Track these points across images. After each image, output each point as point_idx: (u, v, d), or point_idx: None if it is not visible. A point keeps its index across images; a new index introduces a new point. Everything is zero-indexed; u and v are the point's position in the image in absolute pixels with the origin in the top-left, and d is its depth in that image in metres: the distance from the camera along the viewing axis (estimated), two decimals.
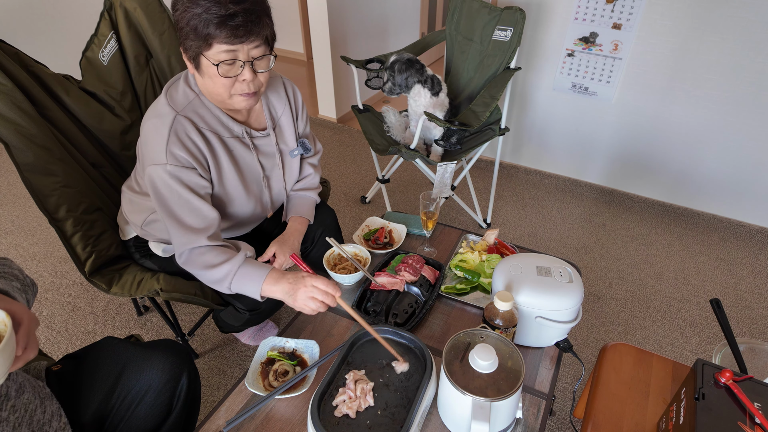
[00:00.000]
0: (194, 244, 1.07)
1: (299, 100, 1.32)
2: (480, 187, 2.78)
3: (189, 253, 1.09)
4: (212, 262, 1.07)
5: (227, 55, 0.98)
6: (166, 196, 1.06)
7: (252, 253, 1.14)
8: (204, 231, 1.08)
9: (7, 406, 0.71)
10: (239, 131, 1.16)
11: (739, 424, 0.74)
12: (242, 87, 1.04)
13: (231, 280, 1.06)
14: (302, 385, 0.96)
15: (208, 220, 1.09)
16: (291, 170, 1.32)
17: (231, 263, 1.06)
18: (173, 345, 1.05)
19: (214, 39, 0.95)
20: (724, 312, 0.97)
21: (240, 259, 1.07)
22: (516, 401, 0.85)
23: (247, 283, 1.06)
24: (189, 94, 1.10)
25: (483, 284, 1.23)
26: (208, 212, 1.09)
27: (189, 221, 1.07)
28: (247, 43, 0.98)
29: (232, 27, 0.94)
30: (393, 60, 1.95)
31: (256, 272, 1.06)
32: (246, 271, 1.06)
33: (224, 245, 1.11)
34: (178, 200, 1.06)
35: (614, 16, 2.21)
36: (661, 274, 2.18)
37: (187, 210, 1.07)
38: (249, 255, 1.11)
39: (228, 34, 0.95)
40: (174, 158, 1.04)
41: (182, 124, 1.06)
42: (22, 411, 0.73)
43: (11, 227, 2.37)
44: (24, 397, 0.74)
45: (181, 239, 1.08)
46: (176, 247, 1.10)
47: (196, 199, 1.07)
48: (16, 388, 0.74)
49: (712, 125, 2.27)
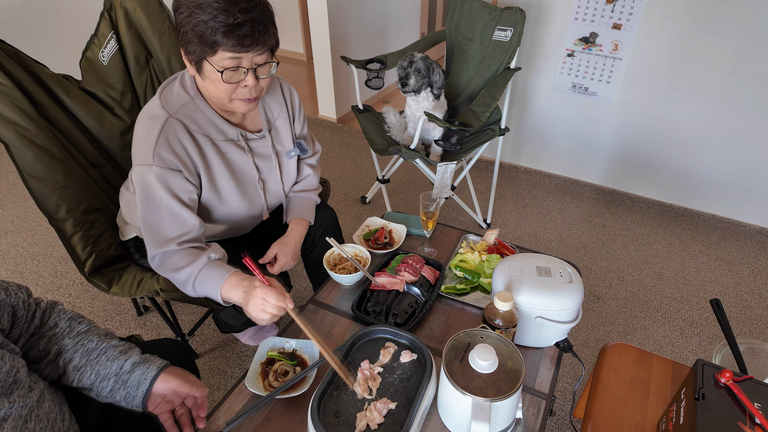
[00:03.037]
0: (164, 249, 1.07)
1: (296, 102, 1.32)
2: (480, 187, 2.78)
3: (161, 256, 1.09)
4: (178, 264, 1.07)
5: (232, 62, 0.98)
6: (147, 196, 1.06)
7: (219, 256, 1.12)
8: (177, 237, 1.07)
9: (32, 417, 0.70)
10: (234, 134, 1.16)
11: (739, 424, 0.74)
12: (244, 92, 1.04)
13: (193, 282, 1.06)
14: (302, 385, 0.96)
15: (186, 227, 1.08)
16: (288, 172, 1.32)
17: (193, 266, 1.06)
18: (174, 344, 1.05)
19: (220, 46, 0.95)
20: (724, 312, 0.97)
21: (202, 263, 1.06)
22: (516, 401, 0.85)
23: (207, 286, 1.05)
24: (183, 97, 1.09)
25: (483, 284, 1.23)
26: (187, 218, 1.09)
27: (165, 226, 1.07)
28: (253, 51, 0.98)
29: (239, 36, 0.94)
30: (422, 57, 1.91)
31: (216, 276, 1.05)
32: (208, 274, 1.05)
33: (196, 247, 1.10)
34: (158, 203, 1.06)
35: (614, 16, 2.21)
36: (661, 275, 2.18)
37: (166, 214, 1.07)
38: (215, 257, 1.09)
39: (235, 42, 0.95)
40: (160, 160, 1.04)
41: (173, 127, 1.06)
42: (45, 421, 0.72)
43: (11, 227, 2.37)
44: (45, 406, 0.73)
45: (154, 244, 1.08)
46: (149, 250, 1.10)
47: (177, 205, 1.07)
48: (38, 398, 0.73)
49: (712, 125, 2.27)
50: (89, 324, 0.88)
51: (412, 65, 1.89)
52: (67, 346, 0.83)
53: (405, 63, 1.91)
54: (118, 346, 0.86)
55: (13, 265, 2.14)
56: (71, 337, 0.84)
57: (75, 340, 0.84)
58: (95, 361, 0.82)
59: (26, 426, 0.68)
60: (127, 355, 0.84)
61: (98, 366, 0.82)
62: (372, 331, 1.00)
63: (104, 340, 0.85)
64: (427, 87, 1.96)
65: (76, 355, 0.83)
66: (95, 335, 0.86)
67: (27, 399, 0.70)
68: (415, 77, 1.90)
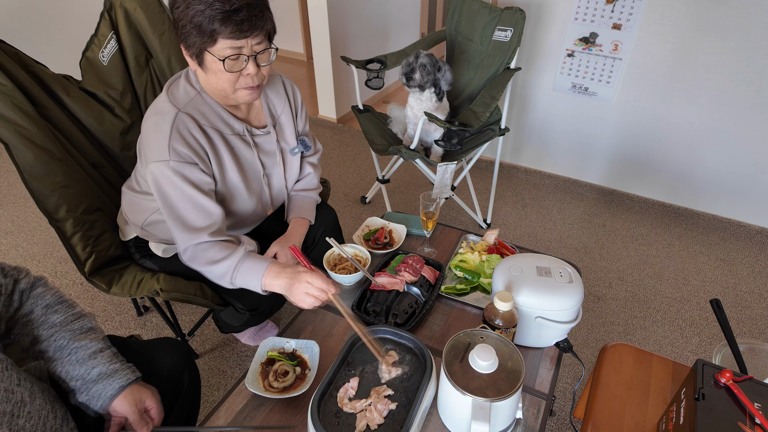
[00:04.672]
0: (197, 240, 1.08)
1: (298, 99, 1.33)
2: (480, 188, 2.78)
3: (194, 249, 1.09)
4: (215, 257, 1.08)
5: (232, 50, 0.98)
6: (170, 192, 1.07)
7: (254, 247, 1.14)
8: (207, 228, 1.08)
9: (24, 413, 0.70)
10: (240, 128, 1.17)
11: (739, 424, 0.74)
12: (246, 81, 1.05)
13: (233, 274, 1.07)
14: (302, 385, 0.96)
15: (213, 217, 1.10)
16: (291, 168, 1.33)
17: (232, 258, 1.07)
18: (174, 343, 1.05)
19: (219, 35, 0.96)
20: (724, 312, 0.97)
21: (241, 254, 1.08)
22: (516, 401, 0.85)
23: (248, 277, 1.07)
24: (190, 92, 1.10)
25: (483, 284, 1.23)
26: (212, 208, 1.10)
27: (192, 218, 1.08)
28: (252, 37, 0.99)
29: (237, 22, 0.95)
30: (429, 54, 1.92)
31: (257, 266, 1.06)
32: (247, 265, 1.07)
33: (227, 240, 1.11)
34: (181, 197, 1.07)
35: (614, 16, 2.21)
36: (661, 275, 2.18)
37: (191, 206, 1.08)
38: (251, 249, 1.12)
39: (233, 29, 0.95)
40: (176, 154, 1.05)
41: (184, 121, 1.07)
42: (36, 418, 0.72)
43: (11, 227, 2.37)
44: (37, 403, 0.73)
45: (184, 236, 1.08)
46: (179, 243, 1.10)
47: (200, 196, 1.08)
48: (29, 394, 0.73)
49: (712, 125, 2.27)
50: (66, 313, 0.87)
51: (418, 60, 1.91)
52: (41, 337, 0.84)
53: (411, 59, 1.93)
54: (89, 348, 0.84)
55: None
56: (45, 329, 0.84)
57: (48, 332, 0.84)
58: (66, 359, 0.83)
59: (16, 422, 0.69)
60: (95, 361, 0.84)
61: (68, 365, 0.83)
62: (372, 331, 1.00)
63: (75, 339, 0.84)
64: (431, 86, 1.96)
65: (49, 348, 0.84)
66: (67, 331, 0.85)
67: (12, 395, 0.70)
68: (420, 72, 1.91)
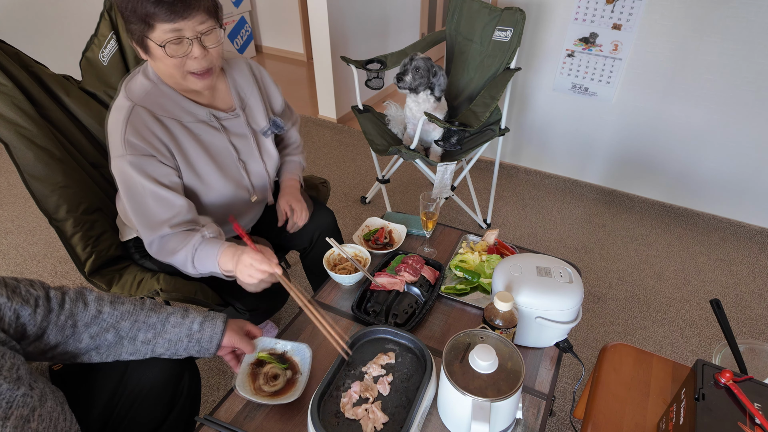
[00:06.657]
0: (160, 233, 1.07)
1: (266, 78, 1.32)
2: (480, 188, 2.78)
3: (159, 241, 1.09)
4: (174, 247, 1.07)
5: (172, 34, 0.96)
6: (129, 187, 1.06)
7: (215, 234, 1.12)
8: (168, 220, 1.07)
9: (35, 416, 0.70)
10: (204, 114, 1.15)
11: (739, 424, 0.74)
12: (193, 65, 1.02)
13: (192, 261, 1.07)
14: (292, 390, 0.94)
15: (175, 208, 1.08)
16: (267, 151, 1.31)
17: (188, 246, 1.06)
18: None
19: (154, 19, 0.94)
20: (724, 312, 0.97)
21: (196, 241, 1.07)
22: (516, 402, 0.85)
23: (206, 262, 1.06)
24: (146, 84, 1.09)
25: (483, 284, 1.23)
26: (173, 200, 1.08)
27: (153, 211, 1.07)
28: (190, 19, 0.96)
29: (169, 3, 0.93)
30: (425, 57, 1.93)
31: (212, 251, 1.06)
32: (204, 251, 1.06)
33: (189, 229, 1.10)
34: (141, 190, 1.06)
35: (614, 16, 2.21)
36: (661, 275, 2.18)
37: (152, 200, 1.07)
38: (210, 235, 1.10)
39: (166, 10, 0.93)
40: (132, 147, 1.04)
41: (139, 114, 1.06)
42: (48, 420, 0.72)
43: (11, 227, 2.37)
44: (47, 405, 0.73)
45: (148, 230, 1.08)
46: (144, 238, 1.10)
47: (159, 188, 1.07)
48: (39, 396, 0.72)
49: (712, 125, 2.27)
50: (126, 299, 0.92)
51: (413, 62, 1.91)
52: (125, 328, 0.88)
53: (406, 60, 1.94)
54: (175, 312, 0.94)
55: (13, 265, 2.14)
56: (126, 320, 0.89)
57: (130, 321, 0.89)
58: (162, 331, 0.91)
59: (29, 426, 0.68)
60: (187, 319, 0.94)
61: (167, 334, 0.91)
62: (372, 331, 1.00)
63: (157, 312, 0.92)
64: (426, 89, 1.96)
65: (140, 333, 0.90)
66: (145, 310, 0.91)
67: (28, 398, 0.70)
68: (412, 74, 1.91)
